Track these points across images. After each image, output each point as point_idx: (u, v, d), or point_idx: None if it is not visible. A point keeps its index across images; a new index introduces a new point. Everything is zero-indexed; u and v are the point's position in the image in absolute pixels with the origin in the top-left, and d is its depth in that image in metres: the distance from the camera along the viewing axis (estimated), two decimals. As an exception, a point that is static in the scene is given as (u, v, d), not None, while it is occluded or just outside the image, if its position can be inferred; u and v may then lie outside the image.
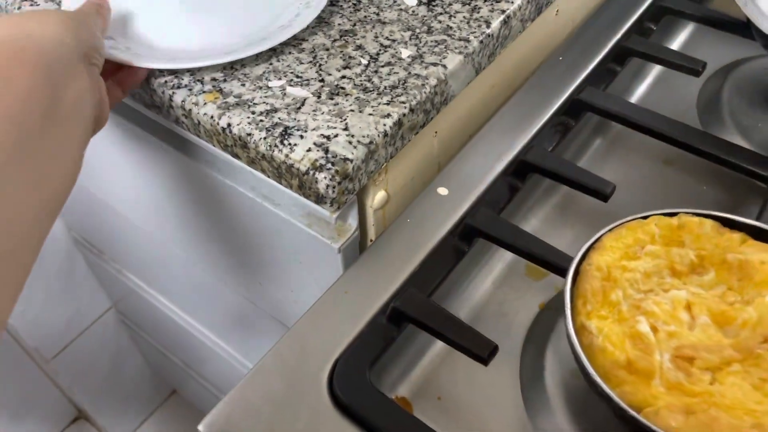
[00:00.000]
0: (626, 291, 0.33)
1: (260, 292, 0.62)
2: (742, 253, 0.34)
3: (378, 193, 0.48)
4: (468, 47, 0.48)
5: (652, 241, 0.35)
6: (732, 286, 0.33)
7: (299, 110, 0.44)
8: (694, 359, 0.30)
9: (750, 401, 0.29)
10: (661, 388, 0.30)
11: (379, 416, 0.36)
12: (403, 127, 0.45)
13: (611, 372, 0.31)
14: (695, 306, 0.32)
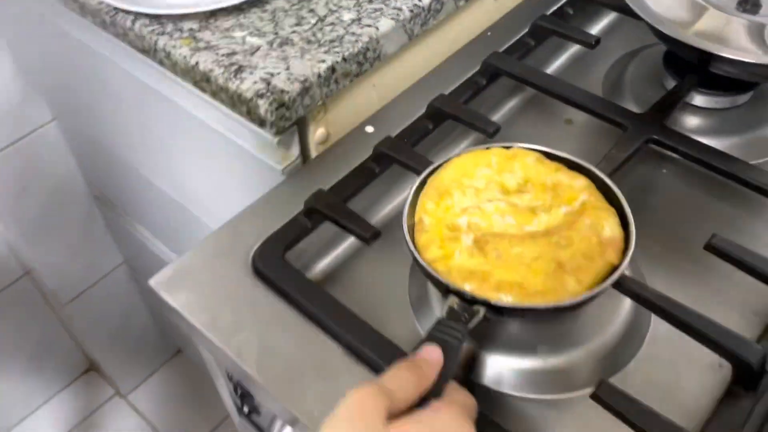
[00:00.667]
0: (460, 199, 0.43)
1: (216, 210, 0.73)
2: (556, 178, 0.44)
3: (318, 129, 0.58)
4: (400, 15, 0.59)
5: (488, 165, 0.45)
6: (546, 202, 0.43)
7: (253, 54, 0.55)
8: (488, 242, 0.40)
9: (519, 270, 0.39)
10: (461, 259, 0.40)
11: (286, 283, 0.46)
12: (336, 72, 0.55)
13: (426, 247, 0.41)
14: (507, 211, 0.42)
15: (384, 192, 0.55)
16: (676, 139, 0.52)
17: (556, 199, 0.43)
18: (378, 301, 0.49)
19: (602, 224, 0.41)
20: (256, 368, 0.43)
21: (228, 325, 0.45)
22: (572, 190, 0.43)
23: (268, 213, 0.52)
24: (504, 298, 0.38)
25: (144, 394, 1.50)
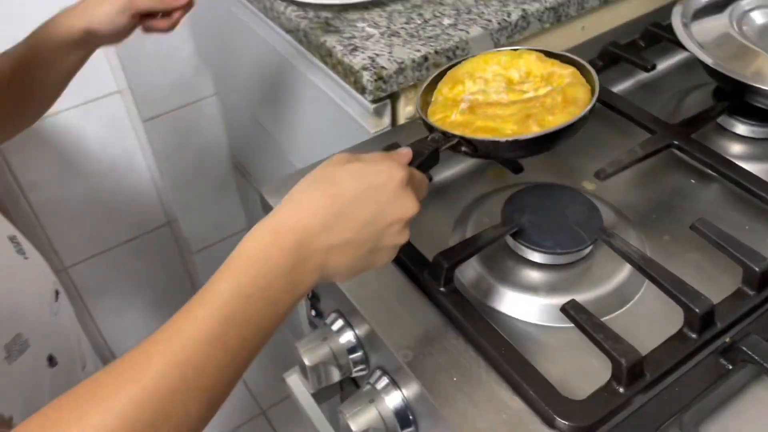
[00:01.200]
0: (470, 86, 0.58)
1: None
2: (551, 69, 0.57)
3: (408, 106, 0.73)
4: (489, 25, 0.73)
5: (498, 63, 0.59)
6: (538, 86, 0.56)
7: (367, 40, 0.72)
8: (479, 107, 0.54)
9: (497, 121, 0.53)
10: (455, 117, 0.55)
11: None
12: (428, 61, 0.70)
13: (432, 114, 0.56)
14: (504, 92, 0.56)
15: (449, 158, 0.68)
16: (696, 147, 0.62)
17: (547, 83, 0.57)
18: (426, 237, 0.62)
19: (570, 90, 0.54)
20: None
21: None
22: (561, 76, 0.56)
23: (354, 157, 0.67)
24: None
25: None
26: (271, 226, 0.41)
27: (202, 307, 0.37)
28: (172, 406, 0.35)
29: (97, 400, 0.34)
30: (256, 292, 0.38)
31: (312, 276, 0.41)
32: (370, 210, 0.42)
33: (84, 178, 1.32)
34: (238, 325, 0.37)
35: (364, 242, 0.42)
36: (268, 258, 0.39)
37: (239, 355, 0.38)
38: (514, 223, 0.56)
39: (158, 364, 0.35)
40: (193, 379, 0.36)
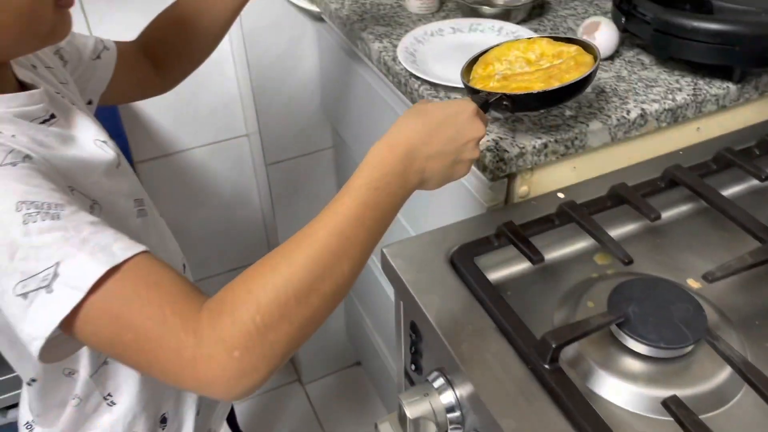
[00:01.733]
0: (498, 66, 0.74)
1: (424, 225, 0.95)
2: (560, 49, 0.74)
3: (522, 186, 0.79)
4: (608, 121, 0.78)
5: (517, 49, 0.75)
6: (552, 61, 0.73)
7: (492, 124, 0.78)
8: (510, 76, 0.70)
9: (526, 83, 0.69)
10: (492, 84, 0.70)
11: (470, 276, 0.66)
12: (547, 148, 0.76)
13: (473, 80, 0.73)
14: (528, 66, 0.73)
15: (558, 240, 0.73)
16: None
17: (558, 57, 0.73)
18: (528, 309, 0.66)
19: (579, 57, 0.72)
20: (435, 318, 0.63)
21: (424, 288, 0.66)
22: (569, 51, 0.74)
23: (469, 230, 0.73)
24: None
25: (319, 389, 1.75)
26: (386, 142, 0.58)
27: (347, 195, 0.53)
28: (334, 263, 0.50)
29: (285, 257, 0.50)
30: (381, 186, 0.54)
31: (416, 177, 0.57)
32: (452, 129, 0.59)
33: (203, 209, 1.44)
34: (371, 209, 0.53)
35: (450, 153, 0.59)
36: (386, 163, 0.56)
37: (373, 233, 0.54)
38: (621, 313, 0.60)
39: (323, 233, 0.51)
40: (346, 246, 0.51)
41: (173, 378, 0.48)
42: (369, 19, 1.02)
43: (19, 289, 0.46)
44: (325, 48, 1.21)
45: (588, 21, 0.89)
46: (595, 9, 1.03)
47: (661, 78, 0.85)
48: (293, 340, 0.49)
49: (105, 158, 0.63)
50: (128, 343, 0.47)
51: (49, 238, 0.47)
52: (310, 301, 0.49)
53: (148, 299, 0.47)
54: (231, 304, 0.48)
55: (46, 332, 0.46)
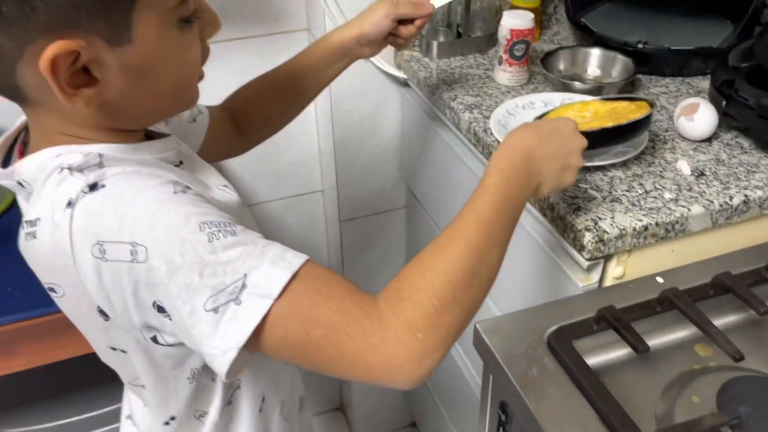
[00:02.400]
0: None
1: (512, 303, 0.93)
2: (612, 106, 0.83)
3: (618, 267, 0.77)
4: (710, 206, 0.76)
5: (573, 109, 0.84)
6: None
7: (590, 202, 0.77)
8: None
9: (598, 123, 0.78)
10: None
11: (569, 361, 0.65)
12: (647, 231, 0.74)
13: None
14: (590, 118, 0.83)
15: (658, 327, 0.71)
16: None
17: (612, 112, 0.82)
18: (628, 397, 0.64)
19: (636, 103, 0.82)
20: (532, 402, 0.61)
21: (519, 369, 0.65)
22: (622, 105, 0.82)
23: (565, 310, 0.71)
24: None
25: (374, 447, 1.72)
26: (507, 147, 0.64)
27: (486, 193, 0.60)
28: (486, 249, 0.56)
29: (446, 247, 0.56)
30: (511, 182, 0.61)
31: (535, 178, 0.64)
32: (560, 136, 0.67)
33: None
34: (505, 200, 0.60)
35: (560, 156, 0.66)
36: (511, 163, 0.63)
37: (510, 223, 0.61)
38: (735, 414, 0.57)
39: (472, 225, 0.57)
40: (492, 235, 0.58)
41: (363, 367, 0.51)
42: (458, 88, 1.04)
43: (209, 304, 0.49)
44: (408, 112, 1.23)
45: (686, 102, 0.88)
46: (687, 87, 1.03)
47: (762, 163, 0.83)
48: (463, 322, 0.54)
49: (232, 199, 0.66)
50: (318, 339, 0.51)
51: (234, 254, 0.50)
52: (473, 284, 0.55)
53: (329, 295, 0.51)
54: (408, 290, 0.53)
55: (239, 342, 0.49)
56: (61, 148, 0.54)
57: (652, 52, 1.03)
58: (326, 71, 0.88)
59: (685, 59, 1.03)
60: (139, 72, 0.53)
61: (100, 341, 0.63)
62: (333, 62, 0.87)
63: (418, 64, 1.12)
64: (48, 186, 0.53)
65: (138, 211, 0.51)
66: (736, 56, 0.90)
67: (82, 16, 0.48)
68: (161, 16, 0.52)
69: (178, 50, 0.55)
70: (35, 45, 0.48)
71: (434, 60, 1.13)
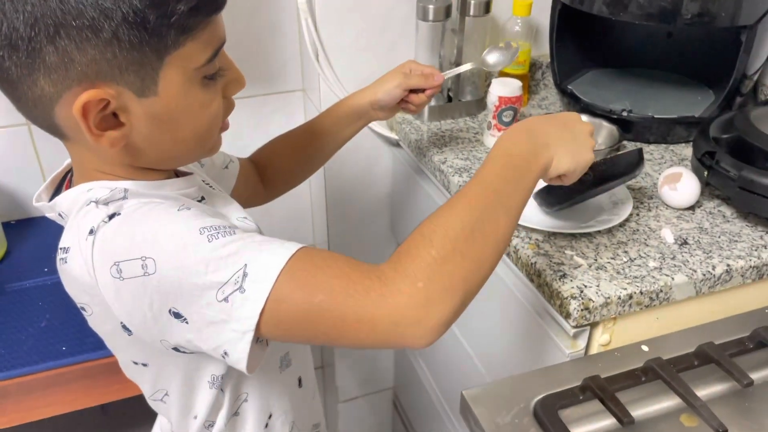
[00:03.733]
0: None
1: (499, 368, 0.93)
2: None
3: (604, 335, 0.78)
4: (693, 275, 0.78)
5: None
6: None
7: (576, 269, 0.79)
8: None
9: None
10: None
11: (555, 430, 0.65)
12: (632, 299, 0.76)
13: None
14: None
15: (643, 397, 0.71)
16: None
17: None
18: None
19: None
20: (518, 474, 0.61)
21: (506, 439, 0.65)
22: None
23: (552, 378, 0.71)
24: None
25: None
26: (509, 130, 0.67)
27: (488, 163, 0.63)
28: (489, 213, 0.59)
29: (445, 209, 0.59)
30: (514, 152, 0.64)
31: (544, 151, 0.65)
32: (562, 118, 0.70)
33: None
34: (510, 168, 0.63)
35: (568, 131, 0.68)
36: (512, 138, 0.66)
37: (517, 188, 0.62)
38: (720, 491, 0.57)
39: (475, 188, 0.60)
40: (497, 199, 0.60)
41: (369, 325, 0.53)
42: (447, 151, 1.06)
43: (219, 295, 0.53)
44: (399, 171, 1.26)
45: (669, 171, 0.90)
46: (671, 154, 1.05)
47: (744, 233, 0.85)
48: (468, 273, 0.55)
49: (252, 228, 0.70)
50: (320, 303, 0.53)
51: (233, 248, 0.54)
52: (475, 237, 0.56)
53: (327, 265, 0.54)
54: (407, 247, 0.55)
55: (252, 324, 0.53)
56: (92, 184, 0.61)
57: (637, 120, 1.06)
58: (344, 131, 0.96)
59: (669, 127, 1.06)
60: (162, 121, 0.58)
61: (125, 356, 0.68)
62: (350, 123, 0.95)
63: (410, 126, 1.15)
64: (78, 217, 0.59)
65: (144, 228, 0.56)
66: (717, 127, 0.93)
67: (114, 70, 0.54)
68: (187, 74, 0.57)
69: (200, 104, 0.60)
70: (71, 91, 0.54)
71: (425, 122, 1.16)
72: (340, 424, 1.59)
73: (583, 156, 0.68)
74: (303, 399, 0.83)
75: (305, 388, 0.83)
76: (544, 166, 0.66)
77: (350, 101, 0.94)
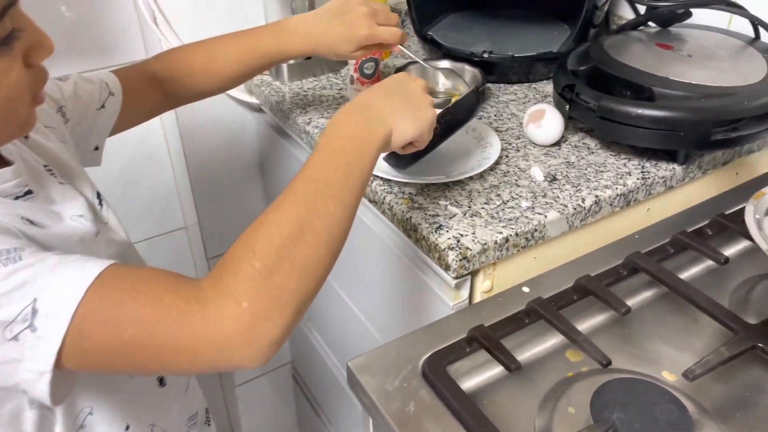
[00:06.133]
0: None
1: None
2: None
3: (486, 281, 0.77)
4: (565, 210, 0.77)
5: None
6: None
7: (451, 219, 0.76)
8: None
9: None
10: None
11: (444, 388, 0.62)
12: (509, 242, 0.74)
13: None
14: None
15: (528, 339, 0.71)
16: (780, 348, 0.63)
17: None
18: (507, 420, 0.63)
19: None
20: (411, 440, 0.59)
21: (395, 406, 0.62)
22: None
23: (437, 334, 0.69)
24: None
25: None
26: (338, 111, 0.63)
27: (314, 152, 0.58)
28: (317, 203, 0.53)
29: (269, 211, 0.53)
30: (343, 134, 0.60)
31: (380, 121, 0.62)
32: (393, 83, 0.66)
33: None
34: (340, 154, 0.58)
35: (401, 98, 0.64)
36: (340, 119, 0.61)
37: (349, 174, 0.57)
38: (609, 424, 0.57)
39: (298, 182, 0.55)
40: (324, 187, 0.55)
41: (190, 354, 0.47)
42: (312, 111, 1.00)
43: (7, 334, 0.46)
44: (266, 137, 1.18)
45: (532, 109, 0.89)
46: (534, 93, 1.05)
47: (609, 162, 0.86)
48: (300, 281, 0.51)
49: (80, 230, 0.61)
50: (131, 339, 0.47)
51: (19, 278, 0.46)
52: (305, 239, 0.51)
53: (137, 290, 0.47)
54: (229, 261, 0.50)
55: (48, 365, 0.46)
56: None
57: (498, 61, 1.05)
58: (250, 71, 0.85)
59: (530, 66, 1.06)
60: None
61: None
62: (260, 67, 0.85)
63: (269, 88, 1.08)
64: None
65: None
66: (574, 60, 0.93)
67: None
68: None
69: None
70: None
71: (286, 83, 1.09)
72: (241, 406, 1.53)
73: (424, 115, 0.65)
74: (170, 397, 0.75)
75: (169, 386, 0.75)
76: (383, 140, 0.61)
77: (283, 46, 0.81)
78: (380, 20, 0.78)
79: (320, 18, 0.79)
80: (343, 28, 0.78)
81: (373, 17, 0.77)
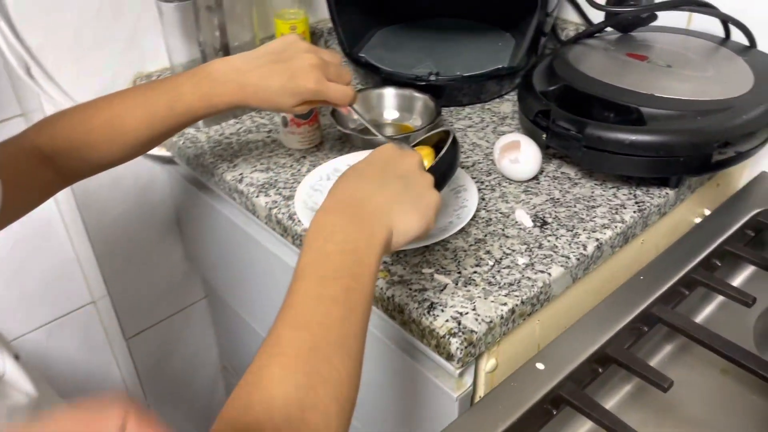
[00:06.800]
0: None
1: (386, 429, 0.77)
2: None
3: (490, 360, 0.64)
4: (568, 262, 0.66)
5: None
6: None
7: (442, 292, 0.63)
8: None
9: None
10: None
11: None
12: (515, 313, 0.62)
13: None
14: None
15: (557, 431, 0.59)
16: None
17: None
18: None
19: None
20: None
21: None
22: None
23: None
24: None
25: None
26: (320, 209, 0.49)
27: (297, 281, 0.44)
28: (317, 362, 0.40)
29: (255, 383, 0.39)
30: (333, 248, 0.45)
31: (378, 223, 0.48)
32: (381, 159, 0.53)
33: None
34: (333, 279, 0.44)
35: (396, 179, 0.51)
36: (325, 224, 0.47)
37: (352, 304, 0.44)
38: None
39: (288, 332, 0.41)
40: (323, 335, 0.41)
41: None
42: (242, 164, 0.84)
43: None
44: (182, 192, 1.01)
45: (504, 141, 0.78)
46: (490, 115, 0.94)
47: (597, 194, 0.76)
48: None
49: None
50: None
51: None
52: (306, 417, 0.38)
53: None
54: None
55: None
56: None
57: (447, 83, 0.93)
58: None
59: (480, 85, 0.94)
60: None
61: None
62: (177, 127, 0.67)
63: (182, 138, 0.90)
64: None
65: None
66: (539, 79, 0.82)
67: None
68: None
69: None
70: None
71: (201, 130, 0.91)
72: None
73: (428, 203, 0.52)
74: None
75: None
76: (384, 246, 0.48)
77: (208, 99, 0.64)
78: (330, 75, 0.64)
79: (254, 64, 0.64)
80: (284, 78, 0.62)
81: (322, 70, 0.63)
